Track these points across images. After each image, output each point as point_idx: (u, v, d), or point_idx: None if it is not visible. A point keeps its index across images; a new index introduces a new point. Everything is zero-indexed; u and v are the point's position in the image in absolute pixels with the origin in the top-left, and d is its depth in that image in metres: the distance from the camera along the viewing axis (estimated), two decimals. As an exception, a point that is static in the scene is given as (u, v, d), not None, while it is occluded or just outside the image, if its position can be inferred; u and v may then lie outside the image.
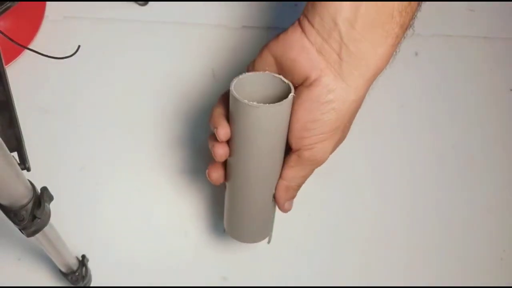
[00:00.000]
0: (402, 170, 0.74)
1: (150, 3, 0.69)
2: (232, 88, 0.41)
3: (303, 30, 0.41)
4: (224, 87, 0.69)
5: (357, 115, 0.74)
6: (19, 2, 0.60)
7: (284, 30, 0.43)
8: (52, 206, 0.37)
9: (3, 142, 0.27)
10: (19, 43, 0.60)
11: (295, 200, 0.50)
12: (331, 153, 0.46)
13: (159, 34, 0.69)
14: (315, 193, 0.70)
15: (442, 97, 0.79)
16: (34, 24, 0.64)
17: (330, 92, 0.41)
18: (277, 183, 0.46)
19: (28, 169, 0.34)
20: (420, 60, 0.79)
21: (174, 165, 0.65)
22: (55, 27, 0.65)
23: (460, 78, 0.80)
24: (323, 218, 0.69)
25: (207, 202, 0.67)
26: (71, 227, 0.60)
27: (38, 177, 0.36)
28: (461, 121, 0.79)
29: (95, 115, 0.64)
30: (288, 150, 0.45)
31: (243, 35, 0.72)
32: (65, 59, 0.64)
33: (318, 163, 0.45)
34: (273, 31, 0.73)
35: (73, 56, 0.65)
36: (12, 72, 0.62)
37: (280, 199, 0.47)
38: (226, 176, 0.48)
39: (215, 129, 0.43)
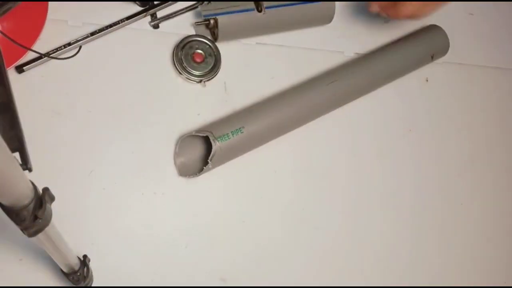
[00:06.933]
0: (408, 194, 0.74)
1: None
2: None
3: None
4: (234, 100, 0.69)
5: (365, 138, 0.73)
6: (20, 3, 0.60)
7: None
8: (56, 206, 0.37)
9: (4, 143, 0.27)
10: (21, 45, 0.60)
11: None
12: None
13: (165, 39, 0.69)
14: (319, 206, 0.70)
15: (450, 123, 0.78)
16: (36, 25, 0.63)
17: None
18: None
19: (30, 170, 0.34)
20: (431, 86, 0.79)
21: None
22: (58, 28, 0.65)
23: (470, 105, 0.80)
24: (326, 226, 0.69)
25: (208, 201, 0.67)
26: (74, 227, 0.60)
27: (43, 177, 0.36)
28: (468, 149, 0.78)
29: (98, 115, 0.65)
30: None
31: (256, 51, 0.72)
32: (67, 60, 0.65)
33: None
34: (287, 49, 0.73)
35: (76, 58, 0.65)
36: (15, 73, 0.63)
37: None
38: None
39: None
